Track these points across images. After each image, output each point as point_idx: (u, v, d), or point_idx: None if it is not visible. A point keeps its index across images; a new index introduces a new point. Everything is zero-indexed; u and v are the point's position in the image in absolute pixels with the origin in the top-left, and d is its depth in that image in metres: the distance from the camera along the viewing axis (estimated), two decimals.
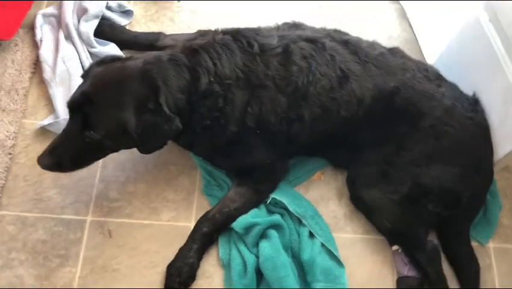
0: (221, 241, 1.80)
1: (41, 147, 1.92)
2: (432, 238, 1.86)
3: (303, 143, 1.83)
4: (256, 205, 1.81)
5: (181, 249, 1.75)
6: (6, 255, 1.74)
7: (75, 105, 1.56)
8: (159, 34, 2.17)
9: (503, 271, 1.88)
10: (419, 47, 2.29)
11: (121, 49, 2.12)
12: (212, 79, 1.65)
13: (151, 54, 1.67)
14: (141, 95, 1.54)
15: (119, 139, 1.59)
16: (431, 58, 2.18)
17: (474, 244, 1.88)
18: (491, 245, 1.92)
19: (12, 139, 1.92)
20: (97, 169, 1.90)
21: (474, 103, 1.85)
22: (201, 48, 1.69)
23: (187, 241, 1.76)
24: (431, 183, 1.73)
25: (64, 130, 1.59)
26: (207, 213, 1.79)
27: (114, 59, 1.67)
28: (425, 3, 2.26)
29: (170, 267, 1.73)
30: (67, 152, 1.57)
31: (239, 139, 1.75)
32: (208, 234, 1.75)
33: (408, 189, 1.74)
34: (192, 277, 1.72)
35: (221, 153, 1.80)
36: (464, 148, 1.76)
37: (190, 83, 1.63)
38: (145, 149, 1.66)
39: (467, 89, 1.89)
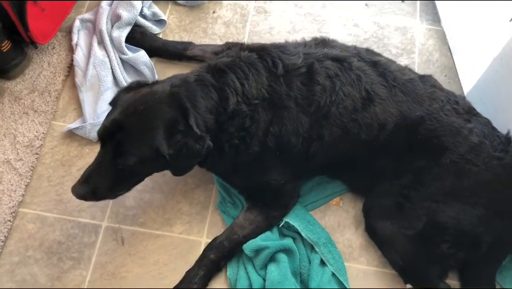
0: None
1: (67, 149, 2.00)
2: (452, 280, 1.76)
3: (320, 163, 1.79)
4: (265, 231, 1.78)
5: (187, 272, 1.75)
6: (24, 252, 1.81)
7: (107, 133, 1.54)
8: (189, 43, 2.19)
9: None
10: (457, 74, 2.17)
11: (150, 56, 2.16)
12: (240, 99, 1.64)
13: (178, 76, 1.67)
14: (170, 118, 1.53)
15: (152, 163, 1.57)
16: (468, 86, 2.06)
17: None
18: None
19: (41, 139, 1.99)
20: None
21: (506, 142, 1.72)
22: (227, 68, 1.67)
23: (194, 265, 1.75)
24: (447, 222, 1.64)
25: (96, 160, 1.57)
26: (215, 239, 1.78)
27: (140, 84, 1.67)
28: (467, 28, 2.14)
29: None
30: (100, 181, 1.56)
31: (258, 159, 1.72)
32: (214, 261, 1.74)
33: (423, 226, 1.66)
34: None
35: (240, 172, 1.77)
36: (487, 189, 1.65)
37: (218, 103, 1.62)
38: (178, 171, 1.64)
39: (501, 125, 1.77)
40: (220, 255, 1.75)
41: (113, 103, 1.66)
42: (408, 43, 2.27)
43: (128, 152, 1.52)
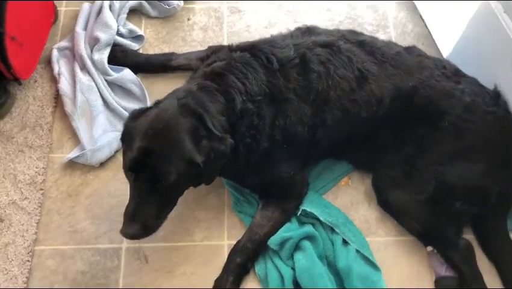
0: None
1: (71, 179, 1.98)
2: (467, 235, 1.84)
3: (325, 146, 1.84)
4: (284, 224, 1.81)
5: (216, 281, 1.76)
6: None
7: (138, 163, 1.51)
8: (172, 54, 2.20)
9: None
10: (433, 40, 2.26)
11: (135, 73, 2.15)
12: (244, 98, 1.67)
13: (180, 90, 1.68)
14: (191, 127, 1.54)
15: (188, 176, 1.56)
16: (446, 50, 2.16)
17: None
18: None
19: (42, 174, 1.97)
20: (127, 196, 1.93)
21: (495, 96, 1.82)
22: (225, 70, 1.70)
23: (222, 272, 1.77)
24: (455, 181, 1.72)
25: (133, 194, 1.55)
26: (238, 242, 1.80)
27: (143, 110, 1.65)
28: None
29: None
30: (147, 213, 1.54)
31: (268, 155, 1.75)
32: (241, 265, 1.76)
33: (433, 189, 1.73)
34: None
35: (251, 170, 1.79)
36: (486, 144, 1.74)
37: (226, 105, 1.64)
38: (210, 177, 1.64)
39: (487, 81, 1.86)
40: (245, 258, 1.77)
41: (124, 136, 1.62)
42: (381, 19, 2.35)
43: (165, 172, 1.50)
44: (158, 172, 1.50)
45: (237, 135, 1.66)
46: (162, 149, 1.51)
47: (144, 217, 1.53)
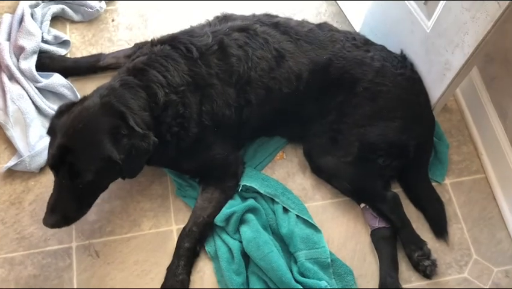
0: None
1: (12, 188, 1.99)
2: (396, 189, 2.02)
3: (254, 125, 1.95)
4: (225, 203, 1.90)
5: (168, 268, 1.83)
6: None
7: (56, 160, 1.61)
8: (100, 54, 2.24)
9: (462, 202, 2.06)
10: (346, 17, 2.44)
11: (65, 77, 2.17)
12: (167, 91, 1.75)
13: (103, 87, 1.75)
14: (111, 125, 1.62)
15: (108, 172, 1.67)
16: (358, 24, 2.34)
17: (433, 184, 2.05)
18: (448, 181, 2.10)
19: None
20: None
21: (402, 59, 2.01)
22: (146, 65, 1.78)
23: (173, 258, 1.84)
24: (377, 139, 1.88)
25: (56, 187, 1.66)
26: (184, 228, 1.87)
27: (69, 105, 1.72)
28: None
29: (163, 287, 1.81)
30: (67, 206, 1.65)
31: (199, 139, 1.85)
32: (190, 248, 1.83)
33: (357, 150, 1.88)
34: None
35: (185, 156, 1.88)
36: (399, 102, 1.92)
37: (149, 100, 1.73)
38: (131, 172, 1.73)
39: (394, 47, 2.05)
40: (193, 241, 1.84)
41: (50, 131, 1.70)
42: (295, 4, 2.48)
43: (82, 169, 1.60)
44: (75, 169, 1.59)
45: (163, 126, 1.75)
46: (80, 147, 1.60)
47: (64, 208, 1.65)
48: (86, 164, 1.60)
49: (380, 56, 1.96)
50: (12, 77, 2.13)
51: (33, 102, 2.10)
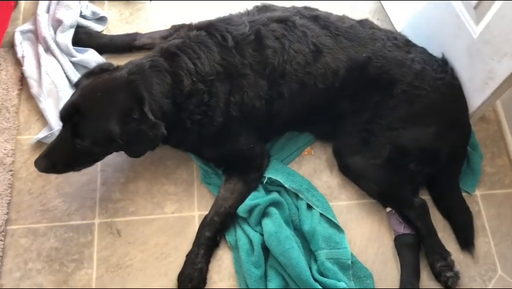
0: None
1: None
2: (424, 196, 1.97)
3: (285, 119, 1.92)
4: (248, 195, 1.88)
5: (188, 256, 1.83)
6: (24, 266, 1.82)
7: (65, 114, 1.67)
8: (136, 34, 2.23)
9: (491, 215, 2.01)
10: (387, 15, 2.38)
11: (100, 53, 2.18)
12: (194, 79, 1.74)
13: (134, 63, 1.75)
14: (126, 106, 1.63)
15: (106, 146, 1.70)
16: (400, 25, 2.27)
17: (463, 194, 2.00)
18: (478, 193, 2.05)
19: (11, 156, 1.98)
20: (97, 174, 1.98)
21: (443, 64, 1.95)
22: (179, 49, 1.77)
23: (193, 246, 1.84)
24: (409, 144, 1.84)
25: (57, 137, 1.70)
26: (206, 217, 1.87)
27: (102, 69, 1.75)
28: None
29: (180, 275, 1.80)
30: (60, 157, 1.68)
31: (224, 129, 1.83)
32: (211, 238, 1.83)
33: (389, 153, 1.84)
34: (203, 281, 1.81)
35: (208, 144, 1.87)
36: (436, 108, 1.87)
37: (174, 87, 1.72)
38: (133, 154, 1.76)
39: (436, 51, 1.99)
40: (214, 230, 1.84)
41: (76, 85, 1.76)
42: None
43: (83, 134, 1.64)
44: (78, 131, 1.63)
45: (185, 112, 1.75)
46: (89, 113, 1.64)
47: (56, 158, 1.67)
48: (88, 130, 1.63)
49: (421, 58, 1.90)
50: (48, 50, 2.15)
51: (66, 76, 2.11)
